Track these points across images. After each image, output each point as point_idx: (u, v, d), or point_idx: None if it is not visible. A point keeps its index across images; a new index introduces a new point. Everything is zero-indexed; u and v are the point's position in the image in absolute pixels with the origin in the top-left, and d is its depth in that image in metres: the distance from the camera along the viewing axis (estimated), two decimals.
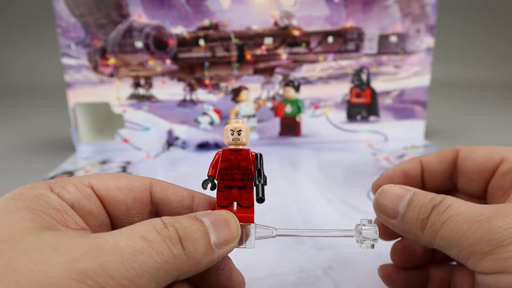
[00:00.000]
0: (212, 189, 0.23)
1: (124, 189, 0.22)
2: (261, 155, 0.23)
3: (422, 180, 0.29)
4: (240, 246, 0.22)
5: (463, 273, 0.26)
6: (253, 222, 0.23)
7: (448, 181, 0.28)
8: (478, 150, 0.27)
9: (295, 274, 0.33)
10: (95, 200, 0.22)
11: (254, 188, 0.22)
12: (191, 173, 0.59)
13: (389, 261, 0.29)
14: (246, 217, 0.22)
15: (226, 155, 0.23)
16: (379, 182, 0.29)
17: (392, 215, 0.23)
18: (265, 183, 0.22)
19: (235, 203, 0.23)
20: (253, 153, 0.23)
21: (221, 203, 0.23)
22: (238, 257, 0.25)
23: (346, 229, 0.24)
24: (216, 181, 0.23)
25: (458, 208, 0.20)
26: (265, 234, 0.23)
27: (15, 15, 1.52)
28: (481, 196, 0.27)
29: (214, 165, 0.23)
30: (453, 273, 0.27)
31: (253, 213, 0.23)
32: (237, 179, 0.23)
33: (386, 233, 0.28)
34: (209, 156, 0.66)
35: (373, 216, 0.26)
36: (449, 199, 0.21)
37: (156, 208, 0.24)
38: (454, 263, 0.28)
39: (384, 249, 0.30)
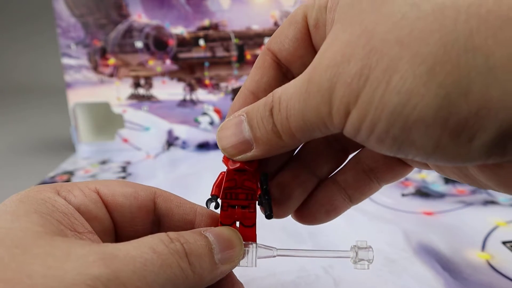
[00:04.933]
0: (215, 208, 0.23)
1: (130, 196, 0.23)
2: (267, 174, 0.23)
3: None
4: (241, 265, 0.22)
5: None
6: (255, 241, 0.23)
7: None
8: None
9: (295, 273, 0.33)
10: (100, 205, 0.22)
11: (263, 205, 0.22)
12: (191, 173, 0.59)
13: (388, 259, 0.29)
14: (248, 236, 0.23)
15: (231, 175, 0.23)
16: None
17: (246, 147, 0.21)
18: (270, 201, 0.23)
19: (237, 222, 0.23)
20: (256, 174, 0.23)
21: (224, 222, 0.23)
22: None
23: (343, 250, 0.24)
24: (219, 200, 0.23)
25: (286, 94, 0.18)
26: (266, 254, 0.23)
27: (15, 15, 1.52)
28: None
29: (218, 184, 0.24)
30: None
31: (255, 233, 0.23)
32: (241, 199, 0.23)
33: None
34: (209, 156, 0.67)
35: (373, 215, 0.26)
36: (276, 92, 0.19)
37: (158, 219, 0.24)
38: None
39: (384, 247, 0.30)
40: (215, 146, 0.71)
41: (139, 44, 0.66)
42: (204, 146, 0.71)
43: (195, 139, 0.71)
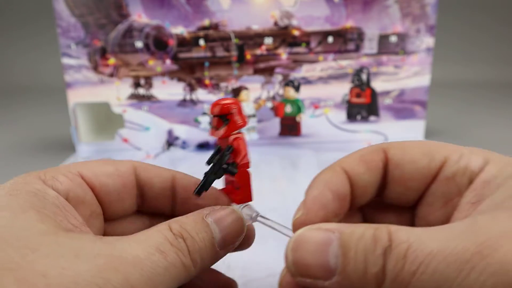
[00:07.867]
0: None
1: (113, 175, 0.23)
2: (229, 147, 0.24)
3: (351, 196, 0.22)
4: None
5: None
6: (237, 203, 0.24)
7: (375, 191, 0.22)
8: (412, 150, 0.21)
9: None
10: (86, 188, 0.22)
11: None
12: (191, 173, 0.59)
13: None
14: (235, 197, 0.24)
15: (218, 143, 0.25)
16: (308, 215, 0.20)
17: (323, 275, 0.16)
18: (212, 180, 0.23)
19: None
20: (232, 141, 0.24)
21: (226, 185, 0.25)
22: (238, 257, 0.25)
23: None
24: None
25: (424, 247, 0.15)
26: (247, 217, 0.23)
27: (15, 15, 1.52)
28: (412, 206, 0.22)
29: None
30: None
31: (242, 194, 0.24)
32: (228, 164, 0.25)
33: None
34: (209, 156, 0.66)
35: None
36: (397, 233, 0.16)
37: (141, 191, 0.24)
38: None
39: None
40: (215, 146, 0.71)
41: (139, 44, 0.66)
42: (204, 146, 0.71)
43: (195, 139, 0.71)
